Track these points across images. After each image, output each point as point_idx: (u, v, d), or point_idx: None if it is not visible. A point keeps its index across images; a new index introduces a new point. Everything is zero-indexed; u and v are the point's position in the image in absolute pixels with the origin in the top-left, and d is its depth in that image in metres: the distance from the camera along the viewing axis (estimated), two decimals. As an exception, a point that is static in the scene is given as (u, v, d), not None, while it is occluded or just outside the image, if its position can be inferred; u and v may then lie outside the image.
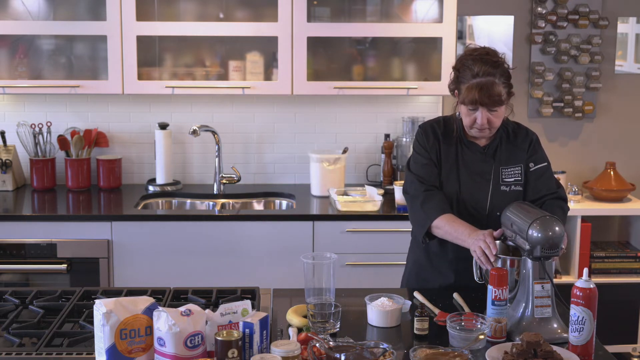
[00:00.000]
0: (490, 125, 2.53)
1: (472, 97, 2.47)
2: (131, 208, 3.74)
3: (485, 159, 2.63)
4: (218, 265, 3.58)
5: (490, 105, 2.48)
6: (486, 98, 2.47)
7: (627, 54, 4.27)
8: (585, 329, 2.04)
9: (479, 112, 2.51)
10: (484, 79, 2.48)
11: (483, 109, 2.49)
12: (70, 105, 4.13)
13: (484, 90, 2.46)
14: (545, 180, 2.62)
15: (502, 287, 2.23)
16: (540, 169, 2.63)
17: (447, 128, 2.67)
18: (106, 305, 1.90)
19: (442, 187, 2.64)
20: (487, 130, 2.56)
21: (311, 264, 2.40)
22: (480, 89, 2.47)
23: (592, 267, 3.97)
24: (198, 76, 3.94)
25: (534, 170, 2.62)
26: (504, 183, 2.61)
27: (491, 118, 2.51)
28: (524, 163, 2.63)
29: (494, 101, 2.48)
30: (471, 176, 2.63)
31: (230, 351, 1.89)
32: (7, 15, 3.83)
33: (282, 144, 4.21)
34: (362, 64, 3.97)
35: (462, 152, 2.64)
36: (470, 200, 2.62)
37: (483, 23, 4.18)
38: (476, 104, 2.49)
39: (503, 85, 2.50)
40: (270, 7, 3.77)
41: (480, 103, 2.48)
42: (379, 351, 1.91)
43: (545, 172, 2.64)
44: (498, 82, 2.48)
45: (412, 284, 2.75)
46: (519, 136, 2.66)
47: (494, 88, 2.47)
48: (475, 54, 2.53)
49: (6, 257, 3.53)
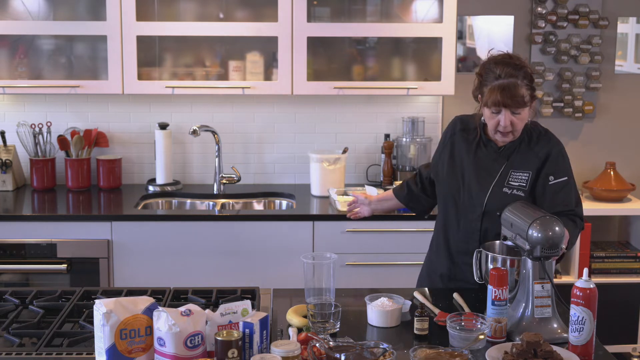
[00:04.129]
0: (513, 128, 2.51)
1: (494, 98, 2.47)
2: (131, 208, 3.74)
3: (498, 158, 2.62)
4: (218, 265, 3.58)
5: (513, 107, 2.47)
6: (509, 99, 2.45)
7: (627, 54, 4.27)
8: (585, 329, 2.04)
9: (502, 115, 2.49)
10: (506, 81, 2.47)
11: (506, 111, 2.48)
12: (70, 105, 4.13)
13: (507, 91, 2.46)
14: (563, 196, 2.55)
15: (502, 287, 2.23)
16: (559, 183, 2.55)
17: (473, 125, 2.70)
18: (106, 305, 1.90)
19: (447, 180, 2.69)
20: (511, 135, 2.54)
21: (311, 264, 2.41)
22: (503, 89, 2.46)
23: (592, 267, 3.97)
24: (198, 76, 3.94)
25: (553, 184, 2.55)
26: (508, 185, 2.58)
27: (514, 120, 2.50)
28: (534, 171, 2.56)
29: (516, 102, 2.46)
30: (477, 172, 2.63)
31: (230, 351, 1.89)
32: (7, 15, 3.83)
33: (282, 144, 4.21)
34: (362, 64, 3.97)
35: (477, 149, 2.65)
36: (468, 197, 2.63)
37: (483, 23, 4.18)
38: (499, 106, 2.47)
39: (526, 87, 2.48)
40: (270, 7, 3.77)
41: (504, 105, 2.46)
42: (379, 351, 1.91)
43: (565, 187, 2.56)
44: (521, 84, 2.47)
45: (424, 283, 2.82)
46: (540, 143, 2.59)
47: (517, 89, 2.46)
48: (498, 58, 2.54)
49: (6, 257, 3.53)
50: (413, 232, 3.58)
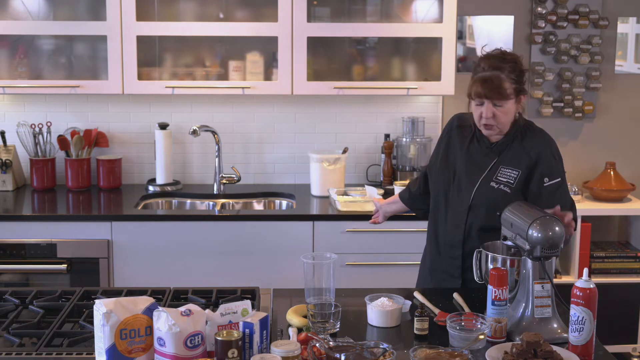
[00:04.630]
0: (497, 121, 2.54)
1: (476, 89, 2.52)
2: (131, 208, 3.74)
3: (490, 153, 2.63)
4: (218, 265, 3.58)
5: (493, 99, 2.50)
6: (489, 91, 2.49)
7: (627, 54, 4.27)
8: (585, 329, 2.04)
9: (485, 106, 2.53)
10: (489, 73, 2.51)
11: (489, 102, 2.51)
12: (70, 105, 4.13)
13: (488, 83, 2.49)
14: (558, 197, 2.55)
15: (502, 287, 2.23)
16: (554, 185, 2.56)
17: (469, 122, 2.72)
18: (106, 305, 1.90)
19: (439, 174, 2.72)
20: (496, 128, 2.56)
21: (311, 264, 2.41)
22: (484, 81, 2.50)
23: (592, 267, 3.97)
24: (198, 76, 3.94)
25: (548, 185, 2.56)
26: (496, 180, 2.59)
27: (497, 113, 2.52)
28: (524, 169, 2.57)
29: (497, 94, 2.49)
30: (468, 166, 2.66)
31: (230, 351, 1.89)
32: (7, 15, 3.83)
33: (282, 144, 4.21)
34: (362, 64, 3.97)
35: (470, 144, 2.67)
36: (457, 190, 2.66)
37: (483, 23, 4.18)
38: (480, 97, 2.51)
39: (511, 81, 2.51)
40: (270, 7, 3.77)
41: (484, 96, 2.50)
42: (379, 351, 1.91)
43: (559, 188, 2.57)
44: (505, 77, 2.50)
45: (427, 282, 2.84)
46: (532, 142, 2.60)
47: (499, 82, 2.49)
48: (489, 53, 2.59)
49: (6, 257, 3.53)
50: (413, 232, 3.57)
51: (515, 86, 2.52)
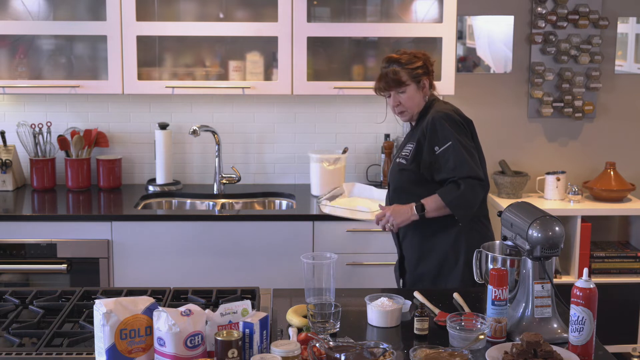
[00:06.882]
0: (405, 107, 2.90)
1: (377, 85, 2.92)
2: (131, 208, 3.74)
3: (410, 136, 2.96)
4: (218, 265, 3.58)
5: (392, 89, 2.88)
6: (385, 83, 2.88)
7: (627, 54, 4.27)
8: (585, 329, 2.04)
9: (391, 97, 2.91)
10: (383, 70, 2.91)
11: (394, 93, 2.89)
12: (70, 105, 4.13)
13: (383, 78, 2.89)
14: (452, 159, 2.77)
15: (502, 287, 2.23)
16: (445, 150, 2.78)
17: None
18: (106, 305, 1.90)
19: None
20: (407, 113, 2.91)
21: (311, 264, 2.41)
22: (380, 78, 2.91)
23: (592, 267, 3.97)
24: (198, 76, 3.94)
25: (440, 153, 2.79)
26: (399, 156, 2.93)
27: (401, 99, 2.89)
28: (416, 141, 2.84)
29: (394, 83, 2.85)
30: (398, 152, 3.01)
31: (230, 351, 1.89)
32: (7, 15, 3.83)
33: (282, 144, 4.21)
34: (362, 64, 3.97)
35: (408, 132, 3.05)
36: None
37: (483, 23, 4.18)
38: (382, 90, 2.91)
39: (406, 71, 2.85)
40: (270, 7, 3.77)
41: (384, 89, 2.90)
42: (379, 351, 1.91)
43: (450, 151, 2.77)
44: (398, 69, 2.85)
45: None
46: (427, 116, 2.87)
47: (393, 73, 2.86)
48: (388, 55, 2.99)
49: (6, 257, 3.53)
50: (413, 232, 3.57)
51: (412, 72, 2.85)
